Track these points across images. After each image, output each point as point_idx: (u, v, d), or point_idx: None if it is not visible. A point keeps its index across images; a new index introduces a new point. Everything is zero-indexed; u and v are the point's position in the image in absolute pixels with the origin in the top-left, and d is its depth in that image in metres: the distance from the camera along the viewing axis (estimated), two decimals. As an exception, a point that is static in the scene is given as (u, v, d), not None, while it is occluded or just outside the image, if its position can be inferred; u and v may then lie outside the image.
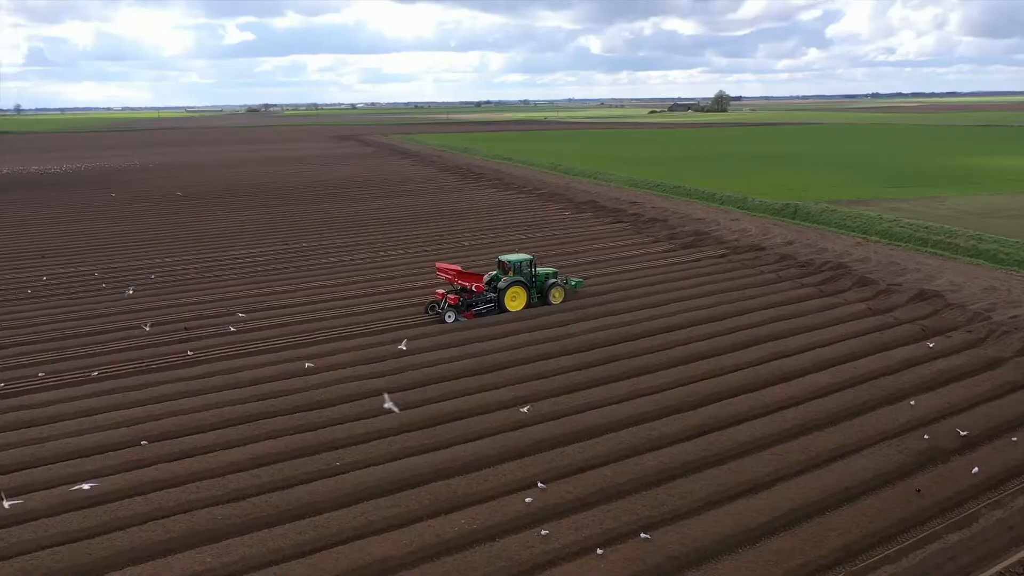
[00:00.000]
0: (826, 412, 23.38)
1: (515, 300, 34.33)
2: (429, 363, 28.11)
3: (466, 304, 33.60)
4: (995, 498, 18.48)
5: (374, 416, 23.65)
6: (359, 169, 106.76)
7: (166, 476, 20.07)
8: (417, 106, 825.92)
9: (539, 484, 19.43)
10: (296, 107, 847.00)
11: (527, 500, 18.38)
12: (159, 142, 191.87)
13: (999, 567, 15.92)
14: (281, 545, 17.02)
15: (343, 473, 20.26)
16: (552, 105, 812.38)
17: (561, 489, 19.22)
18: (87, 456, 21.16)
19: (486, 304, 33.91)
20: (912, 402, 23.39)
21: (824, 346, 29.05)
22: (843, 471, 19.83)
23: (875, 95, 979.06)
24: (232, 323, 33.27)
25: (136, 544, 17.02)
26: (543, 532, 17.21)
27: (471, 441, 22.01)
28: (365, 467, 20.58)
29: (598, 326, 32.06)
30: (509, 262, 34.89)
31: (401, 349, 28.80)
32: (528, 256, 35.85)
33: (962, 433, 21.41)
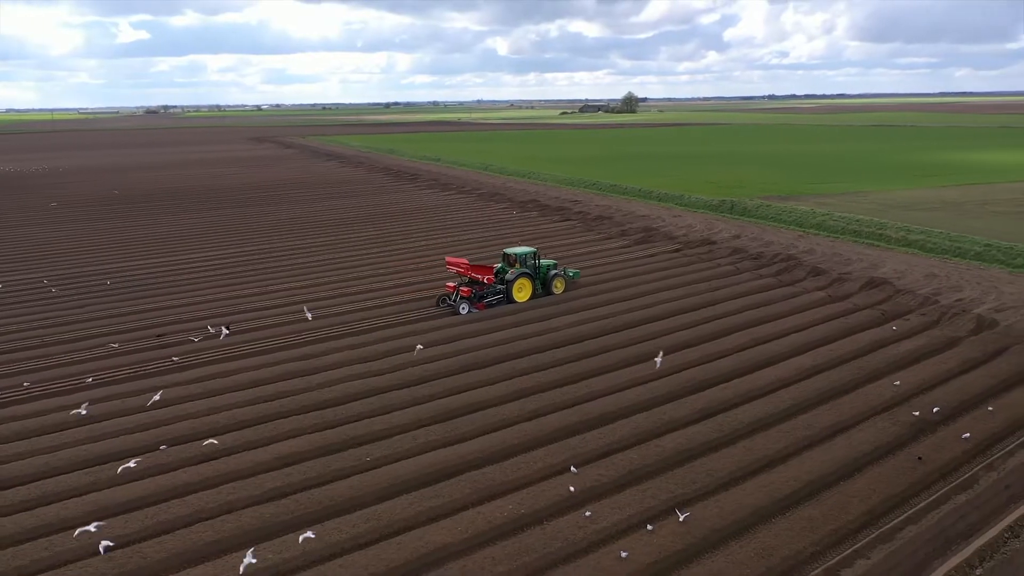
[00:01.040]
0: (816, 392, 24.97)
1: (522, 291, 35.52)
2: (426, 360, 28.39)
3: (477, 296, 34.59)
4: (987, 461, 20.29)
5: (388, 413, 23.90)
6: (289, 171, 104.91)
7: (196, 479, 19.86)
8: (325, 107, 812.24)
9: (572, 468, 20.20)
10: (197, 108, 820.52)
11: (571, 489, 19.00)
12: (65, 145, 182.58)
13: (1005, 523, 17.56)
14: (339, 539, 17.21)
15: (376, 468, 20.48)
16: (462, 106, 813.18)
17: (593, 473, 20.00)
18: (106, 463, 20.68)
19: (495, 296, 35.07)
20: (897, 381, 25.18)
21: (797, 332, 30.83)
22: (847, 444, 21.32)
23: (771, 96, 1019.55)
24: (209, 327, 32.65)
25: (188, 546, 16.90)
26: (587, 513, 17.96)
27: (492, 432, 22.53)
28: (395, 461, 20.85)
29: (579, 320, 33.00)
30: (515, 254, 36.13)
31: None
32: (532, 249, 37.14)
33: (935, 410, 23.18)
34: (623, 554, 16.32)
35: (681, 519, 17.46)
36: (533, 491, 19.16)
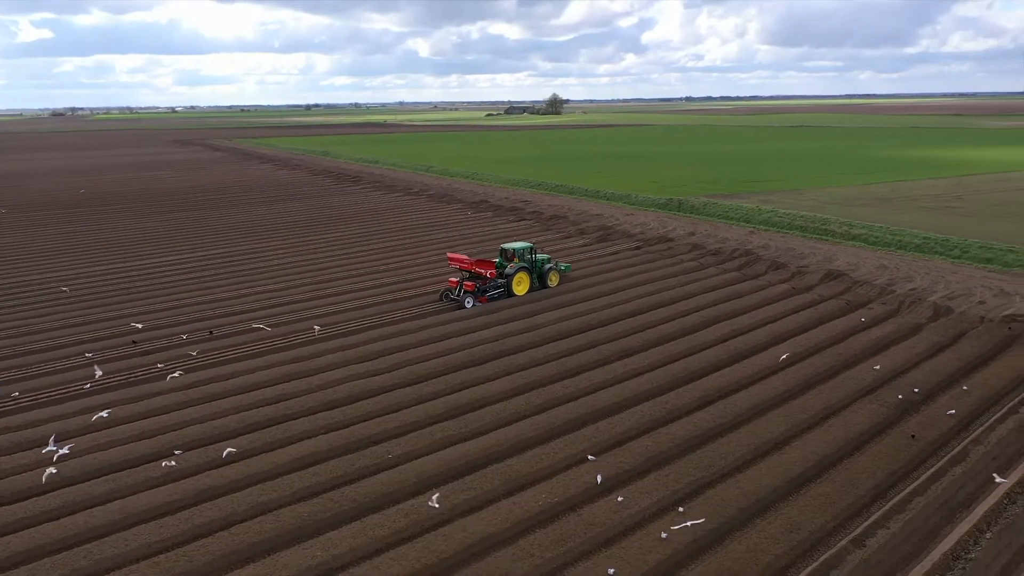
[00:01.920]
0: (803, 377, 26.32)
1: (520, 285, 36.70)
2: (421, 358, 28.66)
3: (480, 290, 35.59)
4: (973, 435, 21.87)
5: (397, 411, 24.10)
6: (227, 174, 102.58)
7: (222, 482, 19.72)
8: (243, 109, 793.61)
9: (590, 457, 20.89)
10: (107, 110, 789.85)
11: (598, 478, 19.64)
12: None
13: (1001, 491, 19.03)
14: (382, 533, 17.44)
15: (399, 464, 20.72)
16: (384, 108, 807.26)
17: (613, 461, 20.70)
18: (123, 470, 20.33)
19: (496, 289, 36.10)
20: (877, 366, 26.75)
21: (772, 322, 32.30)
22: (842, 425, 22.63)
23: (688, 98, 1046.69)
24: (185, 332, 32.10)
25: (233, 548, 16.86)
26: (619, 499, 18.67)
27: (505, 426, 23.01)
28: (417, 457, 21.12)
29: (562, 316, 33.73)
30: (512, 249, 37.24)
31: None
32: (528, 244, 38.46)
33: (915, 391, 24.85)
34: (663, 535, 17.08)
35: (681, 510, 18.24)
36: (560, 480, 19.74)
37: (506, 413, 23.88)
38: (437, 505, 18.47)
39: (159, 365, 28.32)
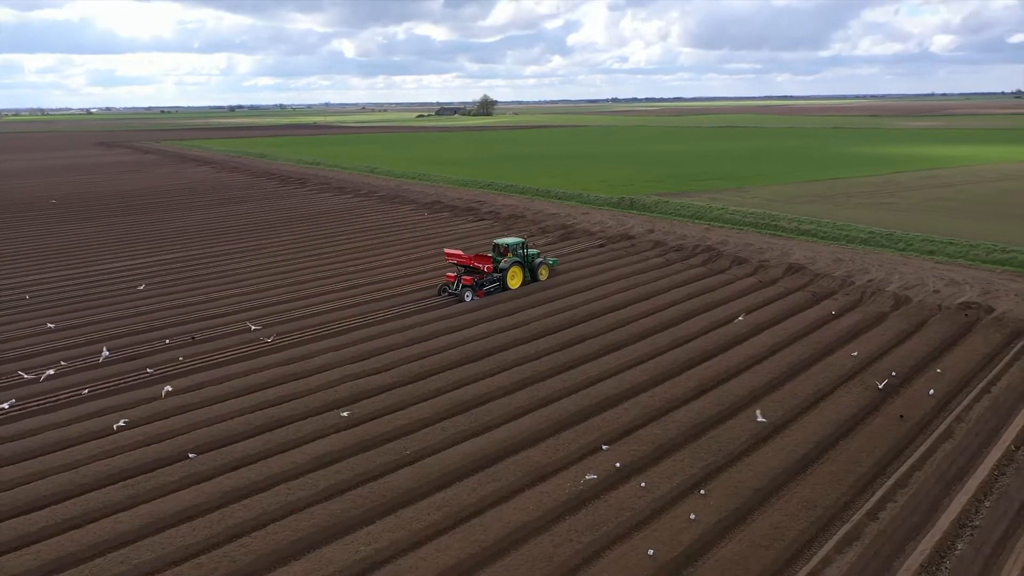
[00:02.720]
0: (787, 365, 27.55)
1: (514, 279, 37.80)
2: (414, 357, 28.84)
3: (478, 284, 36.51)
4: (955, 414, 23.34)
5: (403, 408, 24.30)
6: (164, 177, 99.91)
7: (244, 483, 19.63)
8: (163, 111, 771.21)
9: (603, 447, 21.54)
10: (17, 112, 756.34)
11: (616, 465, 20.31)
12: None
13: (990, 464, 20.45)
14: (419, 526, 17.70)
15: (419, 460, 20.96)
16: (310, 109, 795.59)
17: (626, 449, 21.38)
18: (144, 474, 20.05)
19: (493, 283, 37.07)
20: (854, 352, 28.19)
21: (747, 314, 33.55)
22: (834, 408, 23.87)
23: (614, 100, 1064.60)
24: (167, 337, 31.52)
25: (274, 546, 16.87)
26: (642, 484, 19.37)
27: (514, 420, 23.43)
28: (434, 453, 21.39)
29: (545, 312, 34.33)
30: (505, 245, 38.36)
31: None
32: (521, 239, 39.54)
33: (893, 374, 26.38)
34: (691, 516, 17.84)
35: (703, 492, 19.10)
36: (580, 468, 20.31)
37: (512, 407, 24.33)
38: (468, 496, 18.84)
39: (148, 370, 27.78)
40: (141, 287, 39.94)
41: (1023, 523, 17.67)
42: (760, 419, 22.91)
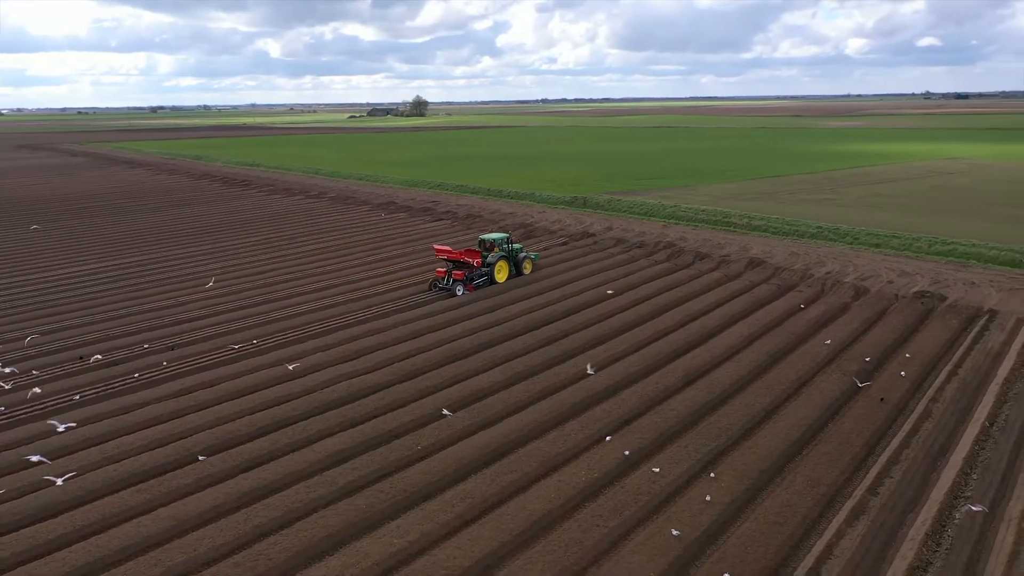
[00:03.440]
0: (767, 353, 28.74)
1: (501, 272, 38.95)
2: (404, 355, 28.99)
3: (468, 278, 37.30)
4: (930, 395, 24.80)
5: (404, 406, 24.49)
6: (100, 180, 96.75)
7: (262, 484, 19.60)
8: (80, 112, 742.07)
9: (607, 438, 22.20)
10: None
11: (625, 452, 21.00)
12: None
13: (969, 439, 21.86)
14: (447, 518, 18.03)
15: (432, 454, 21.26)
16: (236, 110, 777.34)
17: (632, 438, 22.08)
18: (155, 478, 19.83)
19: (482, 278, 37.97)
20: (827, 340, 29.58)
21: (720, 307, 34.78)
22: (817, 393, 25.09)
23: (544, 100, 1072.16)
24: (144, 342, 30.91)
25: (307, 542, 16.96)
26: (655, 469, 20.09)
27: (516, 413, 23.91)
28: (445, 447, 21.71)
29: (523, 309, 34.85)
30: (491, 240, 39.39)
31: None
32: (505, 234, 40.44)
33: (867, 359, 27.86)
34: (707, 497, 18.65)
35: (713, 476, 19.99)
36: (591, 457, 20.94)
37: (512, 401, 24.80)
38: (488, 487, 19.24)
39: (135, 375, 27.25)
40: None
41: (1007, 492, 19.03)
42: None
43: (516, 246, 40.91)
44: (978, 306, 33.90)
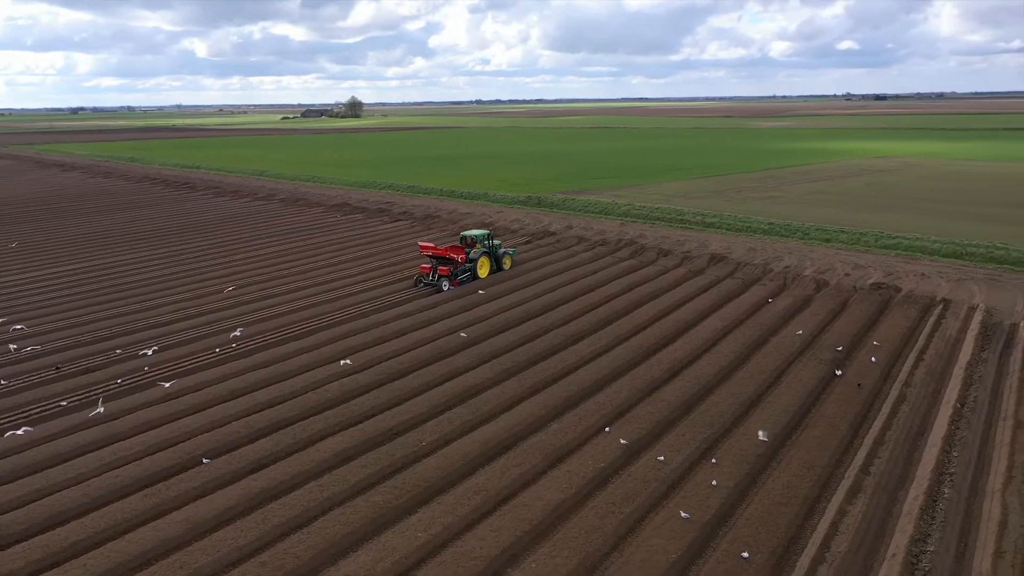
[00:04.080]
0: (743, 344, 29.79)
1: (483, 268, 39.89)
2: (390, 354, 29.05)
3: (453, 274, 38.07)
4: (903, 379, 26.11)
5: (400, 404, 24.61)
6: (33, 184, 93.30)
7: (272, 484, 19.51)
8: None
9: (606, 429, 22.79)
10: None
11: (622, 441, 21.63)
12: None
13: (944, 419, 23.16)
14: (465, 511, 18.30)
15: (438, 450, 21.48)
16: (161, 111, 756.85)
17: (629, 428, 22.68)
18: (161, 482, 19.56)
19: (465, 273, 38.78)
20: (799, 331, 30.81)
21: (690, 301, 35.79)
22: (797, 381, 26.16)
23: (479, 101, 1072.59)
24: (116, 348, 30.24)
25: (329, 540, 17.01)
26: (660, 458, 20.71)
27: (512, 408, 24.25)
28: (448, 443, 21.94)
29: (499, 307, 35.23)
30: (473, 236, 40.27)
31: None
32: (487, 231, 41.47)
33: (839, 349, 29.14)
34: (713, 482, 19.39)
35: (714, 461, 20.80)
36: (594, 448, 21.47)
37: (506, 396, 25.16)
38: (499, 481, 19.60)
39: (118, 381, 26.68)
40: None
41: (986, 468, 20.29)
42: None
43: (496, 242, 41.71)
44: (931, 296, 35.70)
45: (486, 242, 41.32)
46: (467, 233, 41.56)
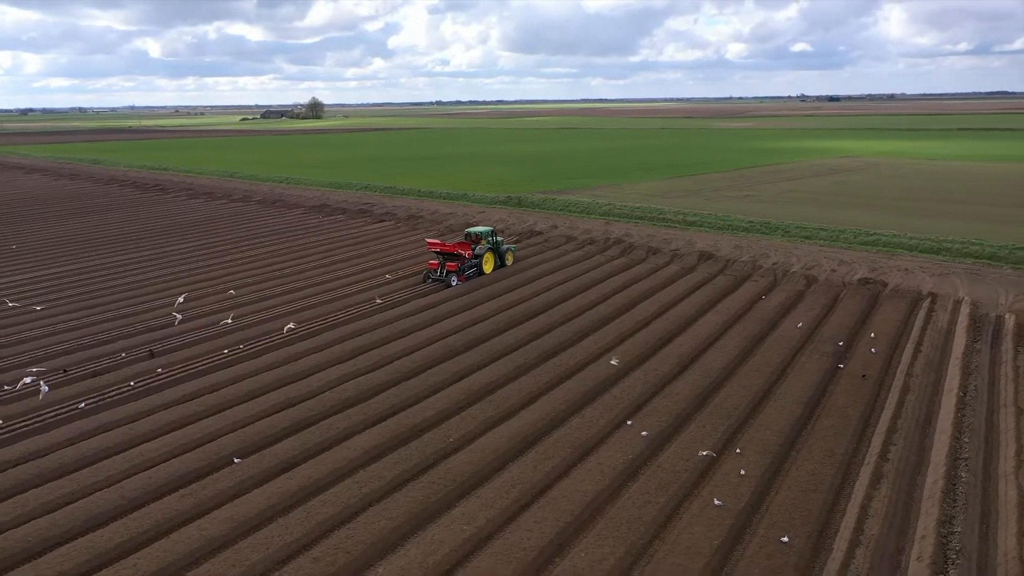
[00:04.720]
0: (746, 338, 30.50)
1: (488, 263, 40.73)
2: (400, 353, 29.15)
3: (461, 269, 38.87)
4: (905, 369, 27.02)
5: (420, 402, 24.81)
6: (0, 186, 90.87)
7: (309, 483, 19.58)
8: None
9: (628, 422, 23.24)
10: None
11: (643, 433, 22.10)
12: None
13: (951, 405, 24.06)
14: (504, 504, 18.59)
15: (466, 446, 21.73)
16: (114, 113, 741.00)
17: (650, 422, 23.18)
18: (196, 482, 19.53)
19: (472, 268, 39.69)
20: (799, 324, 31.62)
21: (687, 297, 36.47)
22: (803, 373, 26.92)
23: (439, 103, 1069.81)
24: (121, 351, 29.91)
25: (377, 535, 17.18)
26: (703, 454, 21.10)
27: (532, 403, 24.59)
28: (475, 439, 22.19)
29: (500, 306, 35.53)
30: (477, 233, 41.32)
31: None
32: (490, 228, 42.32)
33: (839, 343, 30.01)
34: (742, 471, 19.95)
35: (739, 451, 21.39)
36: (619, 440, 21.90)
37: (524, 392, 25.48)
38: (533, 474, 19.92)
39: (130, 384, 26.41)
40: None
41: (994, 453, 21.16)
42: None
43: (499, 239, 42.55)
44: (918, 290, 36.86)
45: (490, 238, 42.09)
46: (472, 230, 42.54)
